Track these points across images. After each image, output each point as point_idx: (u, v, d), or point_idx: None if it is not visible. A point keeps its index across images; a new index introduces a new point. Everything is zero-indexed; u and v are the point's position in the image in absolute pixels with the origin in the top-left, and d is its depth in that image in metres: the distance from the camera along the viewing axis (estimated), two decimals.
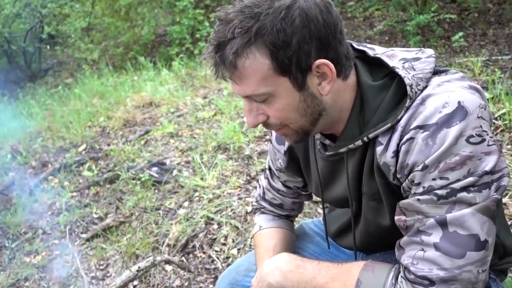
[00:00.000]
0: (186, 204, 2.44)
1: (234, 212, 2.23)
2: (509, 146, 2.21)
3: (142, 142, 3.34)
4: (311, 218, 1.97)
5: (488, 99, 2.61)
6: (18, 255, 2.39)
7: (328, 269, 0.87)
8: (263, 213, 1.21)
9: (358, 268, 0.83)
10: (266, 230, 1.16)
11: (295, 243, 1.23)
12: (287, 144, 1.07)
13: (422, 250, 0.76)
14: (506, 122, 2.36)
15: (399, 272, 0.80)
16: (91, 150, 3.42)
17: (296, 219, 1.36)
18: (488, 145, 0.75)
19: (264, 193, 1.20)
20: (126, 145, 3.29)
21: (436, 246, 0.74)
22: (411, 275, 0.76)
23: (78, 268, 2.13)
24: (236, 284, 1.18)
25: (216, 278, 1.90)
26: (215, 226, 2.19)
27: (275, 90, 0.80)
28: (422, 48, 0.89)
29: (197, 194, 2.49)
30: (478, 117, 0.74)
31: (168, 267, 2.05)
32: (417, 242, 0.76)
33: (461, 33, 3.85)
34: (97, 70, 5.55)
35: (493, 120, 2.43)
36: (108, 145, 3.45)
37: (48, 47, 6.83)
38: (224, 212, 2.27)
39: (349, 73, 0.84)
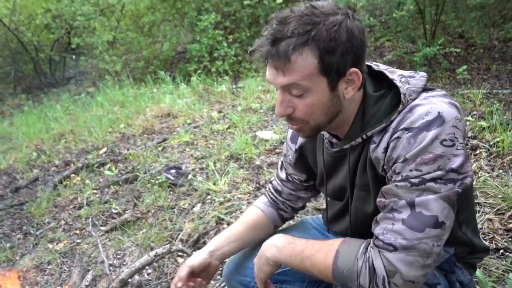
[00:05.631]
0: (199, 205, 2.64)
1: (242, 214, 2.43)
2: (500, 171, 2.40)
3: (160, 148, 3.57)
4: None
5: (484, 128, 2.82)
6: (42, 241, 2.59)
7: (314, 244, 1.08)
8: (265, 195, 1.44)
9: (338, 242, 1.03)
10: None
11: (293, 234, 1.43)
12: (298, 143, 1.30)
13: (392, 224, 0.95)
14: (499, 149, 2.55)
15: (369, 243, 0.99)
16: (111, 153, 3.65)
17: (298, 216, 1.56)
18: (457, 149, 0.94)
19: (273, 179, 1.43)
20: (144, 151, 3.52)
21: (403, 221, 0.94)
22: (379, 242, 0.96)
23: (98, 255, 2.33)
24: (240, 265, 1.39)
25: (221, 270, 2.08)
26: (225, 226, 2.39)
27: (312, 87, 0.97)
28: (417, 71, 1.12)
29: (209, 197, 2.69)
30: (453, 126, 0.94)
31: (180, 259, 2.24)
32: (390, 217, 0.96)
33: (464, 66, 4.07)
34: (118, 81, 5.84)
35: (488, 147, 2.63)
36: (128, 149, 3.68)
37: (74, 57, 7.17)
38: (233, 214, 2.47)
39: (364, 83, 1.06)
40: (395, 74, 1.08)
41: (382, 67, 1.11)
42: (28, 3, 7.32)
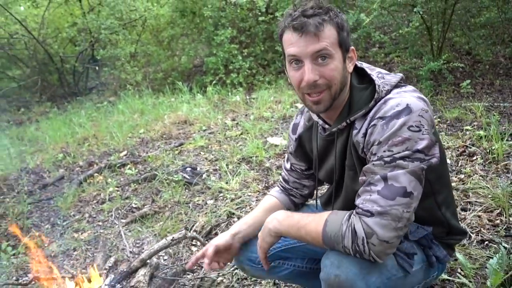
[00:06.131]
0: (211, 201, 2.86)
1: (252, 209, 2.64)
2: (494, 175, 2.57)
3: (176, 152, 3.81)
4: None
5: (482, 137, 2.99)
6: (68, 231, 2.82)
7: (308, 216, 1.29)
8: (278, 185, 1.66)
9: (327, 213, 1.24)
10: (268, 196, 1.65)
11: None
12: (298, 133, 1.53)
13: (370, 195, 1.16)
14: (495, 155, 2.72)
15: (352, 212, 1.19)
16: (131, 156, 3.91)
17: None
18: (423, 134, 1.15)
19: (282, 170, 1.66)
20: (162, 154, 3.77)
21: (378, 192, 1.14)
22: (359, 210, 1.16)
23: (119, 242, 2.56)
24: (248, 243, 1.56)
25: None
26: (235, 219, 2.60)
27: (334, 54, 1.20)
28: (396, 73, 1.34)
29: (221, 194, 2.91)
30: (419, 115, 1.15)
31: (194, 248, 2.45)
32: (368, 190, 1.17)
33: (469, 81, 4.25)
34: (138, 91, 6.15)
35: (485, 154, 2.80)
36: (146, 152, 3.94)
37: (97, 68, 7.54)
38: (243, 209, 2.68)
39: (350, 75, 1.30)
40: (374, 71, 1.30)
41: (364, 65, 1.34)
42: (56, 17, 7.75)
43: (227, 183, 3.02)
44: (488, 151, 2.82)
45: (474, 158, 2.83)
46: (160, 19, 6.78)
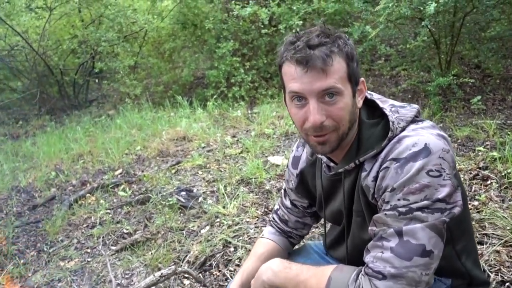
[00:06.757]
0: (207, 228, 2.68)
1: (250, 238, 2.46)
2: (511, 202, 2.38)
3: (173, 171, 3.64)
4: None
5: (496, 158, 2.80)
6: (54, 259, 2.65)
7: (308, 269, 1.10)
8: (271, 225, 1.46)
9: (331, 268, 1.06)
10: (263, 240, 1.43)
11: (296, 258, 1.45)
12: (299, 168, 1.34)
13: (382, 252, 0.97)
14: (511, 180, 2.53)
15: (361, 271, 1.01)
16: (127, 174, 3.75)
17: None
18: (444, 180, 0.97)
19: (278, 209, 1.47)
20: (158, 173, 3.60)
21: (391, 250, 0.96)
22: (369, 270, 0.98)
23: (106, 274, 2.38)
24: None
25: None
26: (232, 249, 2.41)
27: (344, 91, 1.02)
28: (410, 104, 1.16)
29: (218, 220, 2.73)
30: (439, 157, 0.97)
31: (186, 281, 2.27)
32: (379, 246, 0.99)
33: (479, 97, 4.06)
34: (138, 104, 6.01)
35: (500, 177, 2.61)
36: (142, 171, 3.77)
37: (97, 80, 7.42)
38: (241, 237, 2.49)
39: (359, 109, 1.12)
40: (386, 104, 1.12)
41: (375, 96, 1.16)
42: (57, 29, 7.65)
43: (224, 207, 2.84)
44: (503, 174, 2.63)
45: (489, 182, 2.64)
46: (161, 31, 6.66)
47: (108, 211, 3.13)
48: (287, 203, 1.44)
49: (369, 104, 1.16)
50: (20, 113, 7.58)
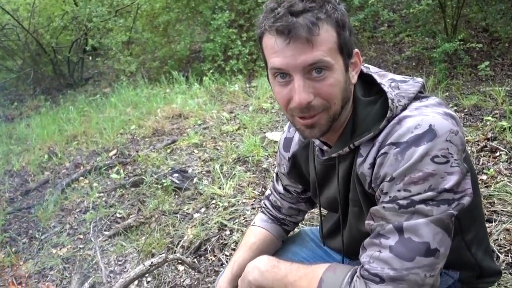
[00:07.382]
0: (202, 210, 2.58)
1: (246, 220, 2.35)
2: None
3: (168, 150, 3.52)
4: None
5: (505, 128, 2.65)
6: (46, 246, 2.57)
7: (298, 269, 0.97)
8: (263, 212, 1.34)
9: (323, 268, 0.93)
10: (255, 228, 1.30)
11: (290, 247, 1.34)
12: (291, 151, 1.20)
13: (379, 251, 0.84)
14: None
15: (356, 272, 0.88)
16: (121, 155, 3.63)
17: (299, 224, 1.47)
18: (452, 166, 0.82)
19: (270, 194, 1.34)
20: (153, 153, 3.48)
21: (391, 249, 0.83)
22: (365, 272, 0.85)
23: (99, 261, 2.29)
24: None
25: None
26: (227, 232, 2.31)
27: (334, 64, 0.86)
28: (414, 77, 1.00)
29: (213, 201, 2.62)
30: (446, 140, 0.82)
31: (181, 267, 2.18)
32: (376, 244, 0.85)
33: (487, 62, 3.86)
34: (133, 81, 5.84)
35: (510, 149, 2.46)
36: (137, 151, 3.65)
37: (90, 58, 7.22)
38: (237, 220, 2.39)
39: (354, 85, 0.97)
40: (385, 78, 0.97)
41: (372, 70, 1.00)
42: (47, 5, 7.40)
43: (220, 187, 2.72)
44: None
45: (497, 154, 2.49)
46: (154, 4, 6.40)
47: (101, 194, 3.04)
48: (280, 188, 1.30)
49: (366, 79, 1.00)
50: (15, 94, 7.44)
